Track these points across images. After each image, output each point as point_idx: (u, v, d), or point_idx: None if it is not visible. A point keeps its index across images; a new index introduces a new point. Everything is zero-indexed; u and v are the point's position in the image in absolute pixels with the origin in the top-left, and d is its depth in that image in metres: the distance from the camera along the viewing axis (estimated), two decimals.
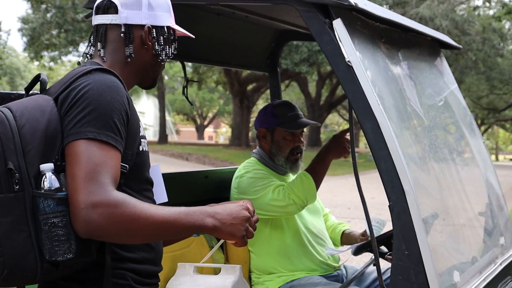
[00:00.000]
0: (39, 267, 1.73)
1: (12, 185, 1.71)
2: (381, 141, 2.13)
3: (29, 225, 1.72)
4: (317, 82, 38.68)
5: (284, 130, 3.52)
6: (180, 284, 3.01)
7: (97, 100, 1.80)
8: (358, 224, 9.53)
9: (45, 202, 1.71)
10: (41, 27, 30.47)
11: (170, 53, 2.12)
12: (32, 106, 1.82)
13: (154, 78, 2.16)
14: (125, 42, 2.05)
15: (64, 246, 1.71)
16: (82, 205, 1.69)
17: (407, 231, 2.11)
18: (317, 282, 3.31)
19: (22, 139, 1.74)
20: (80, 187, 1.70)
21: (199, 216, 1.82)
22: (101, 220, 1.69)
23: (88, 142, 1.75)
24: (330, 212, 3.94)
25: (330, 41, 2.19)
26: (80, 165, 1.73)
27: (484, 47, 28.93)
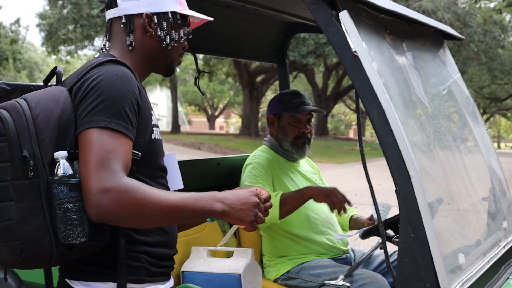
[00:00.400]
0: (54, 250, 1.79)
1: (27, 172, 1.78)
2: (387, 127, 2.17)
3: (44, 210, 1.78)
4: (323, 73, 38.66)
5: (289, 115, 3.62)
6: (194, 267, 3.10)
7: (109, 90, 1.85)
8: (365, 209, 9.56)
9: (59, 188, 1.77)
10: (58, 22, 30.76)
11: (178, 37, 2.12)
12: (46, 97, 1.88)
13: (168, 65, 2.17)
14: (126, 32, 2.09)
15: (77, 229, 1.77)
16: (94, 191, 1.74)
17: (413, 215, 2.14)
18: (327, 265, 3.39)
19: (36, 128, 1.80)
20: (92, 174, 1.76)
21: (208, 201, 1.85)
22: (111, 205, 1.74)
23: (100, 130, 1.81)
24: None
25: (337, 32, 2.23)
26: (92, 153, 1.78)
27: (485, 39, 28.90)
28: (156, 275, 2.04)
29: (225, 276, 3.06)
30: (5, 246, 1.80)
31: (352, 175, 18.56)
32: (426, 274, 2.13)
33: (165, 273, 2.10)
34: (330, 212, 3.42)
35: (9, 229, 1.78)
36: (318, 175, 3.92)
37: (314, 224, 3.55)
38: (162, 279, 2.07)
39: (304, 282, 3.39)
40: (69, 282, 1.99)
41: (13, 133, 1.78)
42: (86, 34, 30.20)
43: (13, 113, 1.81)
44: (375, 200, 2.40)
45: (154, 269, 2.02)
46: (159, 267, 2.05)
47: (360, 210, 8.85)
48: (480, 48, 29.06)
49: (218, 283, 3.06)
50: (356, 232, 3.22)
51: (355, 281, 3.18)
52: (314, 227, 3.54)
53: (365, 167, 2.40)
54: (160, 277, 2.06)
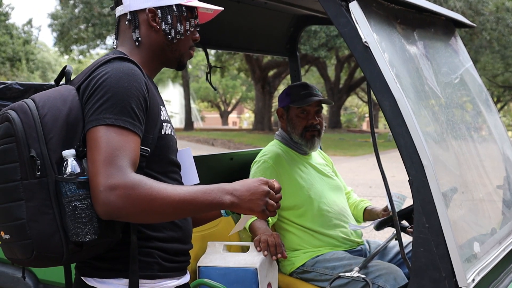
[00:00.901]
0: (64, 248, 1.80)
1: (35, 172, 1.79)
2: (399, 117, 2.17)
3: (53, 208, 1.80)
4: (335, 66, 38.62)
5: (296, 107, 3.61)
6: (210, 262, 3.11)
7: (115, 87, 1.86)
8: (380, 201, 9.55)
9: (67, 186, 1.78)
10: (70, 22, 31.01)
11: (184, 30, 2.10)
12: (54, 96, 1.89)
13: (177, 58, 2.15)
14: (132, 28, 2.08)
15: (86, 227, 1.78)
16: (101, 188, 1.75)
17: (427, 204, 2.15)
18: (342, 257, 3.39)
19: (44, 127, 1.82)
20: (99, 171, 1.77)
21: (217, 193, 1.85)
22: (119, 201, 1.75)
23: (107, 128, 1.82)
24: (352, 190, 4.02)
25: (347, 23, 2.24)
26: (99, 150, 1.79)
27: (498, 27, 28.74)
28: (170, 270, 2.04)
29: (241, 271, 3.07)
30: (17, 245, 1.83)
31: (366, 167, 18.54)
32: (441, 263, 2.14)
33: (180, 268, 2.09)
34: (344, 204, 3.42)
35: (20, 228, 1.81)
36: (331, 168, 3.92)
37: (328, 218, 3.54)
38: (176, 274, 2.07)
39: (319, 275, 3.39)
40: (84, 279, 2.00)
41: (21, 133, 1.81)
42: (98, 33, 30.37)
43: (20, 114, 1.83)
44: (388, 191, 2.40)
45: (167, 264, 2.03)
46: (173, 262, 2.05)
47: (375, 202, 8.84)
48: (493, 36, 28.90)
49: (234, 278, 3.07)
50: (371, 223, 3.22)
51: (370, 272, 3.17)
52: (327, 220, 3.54)
53: (378, 157, 2.40)
54: (175, 272, 2.06)
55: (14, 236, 1.82)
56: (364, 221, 3.82)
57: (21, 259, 1.86)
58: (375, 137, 2.47)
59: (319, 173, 3.71)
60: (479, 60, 32.61)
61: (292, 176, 3.54)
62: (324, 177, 3.71)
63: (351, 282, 3.21)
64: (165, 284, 2.02)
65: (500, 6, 29.60)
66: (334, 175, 3.84)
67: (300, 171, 3.62)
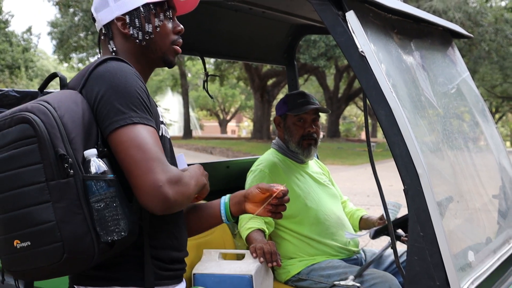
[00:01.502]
0: (96, 248, 1.77)
1: (64, 171, 1.74)
2: (395, 127, 2.18)
3: (83, 208, 1.76)
4: (335, 75, 38.76)
5: (293, 115, 3.63)
6: (205, 269, 3.11)
7: (126, 86, 1.85)
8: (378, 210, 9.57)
9: (98, 184, 1.76)
10: (69, 30, 31.15)
11: (152, 28, 2.08)
12: (65, 98, 1.87)
13: (161, 57, 2.12)
14: (107, 40, 2.10)
15: (118, 225, 1.77)
16: (161, 183, 1.77)
17: (422, 213, 2.15)
18: (337, 265, 3.40)
19: (65, 128, 1.79)
20: (151, 168, 1.78)
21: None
22: (176, 195, 1.80)
23: (134, 126, 1.82)
24: (348, 200, 4.03)
25: (344, 33, 2.24)
26: (139, 149, 1.80)
27: (496, 38, 28.92)
28: (165, 278, 2.02)
29: (236, 278, 3.07)
30: (42, 250, 1.76)
31: (364, 176, 18.57)
32: (435, 272, 2.14)
33: (176, 276, 2.08)
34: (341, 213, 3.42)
35: (48, 232, 1.75)
36: (328, 176, 3.93)
37: (325, 226, 3.55)
38: (172, 282, 2.06)
39: (314, 283, 3.40)
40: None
41: (44, 133, 1.76)
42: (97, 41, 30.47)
43: (40, 115, 1.78)
44: (383, 199, 2.41)
45: (163, 272, 2.01)
46: (169, 271, 2.04)
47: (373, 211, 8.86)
48: (492, 47, 29.05)
49: (229, 285, 3.06)
50: (367, 232, 3.23)
51: (365, 281, 3.18)
52: (324, 228, 3.55)
53: (373, 165, 2.41)
54: (170, 280, 2.05)
55: (38, 242, 1.76)
56: (360, 229, 3.83)
57: (41, 267, 1.79)
58: (370, 145, 2.48)
59: (316, 182, 3.72)
60: (477, 70, 32.75)
61: (288, 184, 3.55)
62: (321, 186, 3.72)
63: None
64: None
65: (499, 17, 29.80)
66: (330, 184, 3.86)
67: (297, 180, 3.63)
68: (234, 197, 2.21)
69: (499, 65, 34.26)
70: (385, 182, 13.15)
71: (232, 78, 42.10)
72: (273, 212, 2.16)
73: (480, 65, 32.08)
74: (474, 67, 30.87)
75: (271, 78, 35.68)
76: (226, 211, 2.19)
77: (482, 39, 27.93)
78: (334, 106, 36.90)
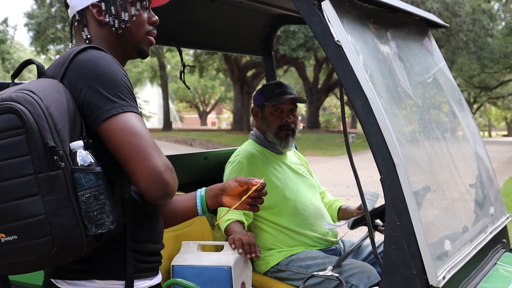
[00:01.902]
0: (85, 241, 1.75)
1: (54, 163, 1.71)
2: (371, 116, 2.18)
3: (72, 201, 1.73)
4: (314, 66, 38.83)
5: (271, 105, 3.63)
6: (184, 261, 3.10)
7: (111, 75, 1.83)
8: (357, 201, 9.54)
9: (87, 177, 1.74)
10: (46, 21, 30.82)
11: (129, 16, 2.05)
12: (49, 88, 1.82)
13: (135, 47, 2.10)
14: (81, 27, 2.05)
15: (106, 218, 1.75)
16: (162, 169, 1.79)
17: (399, 203, 2.16)
18: (316, 256, 3.40)
19: (53, 119, 1.74)
20: (151, 154, 1.79)
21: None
22: (173, 182, 1.82)
23: (128, 114, 1.81)
24: (326, 190, 4.03)
25: (319, 22, 2.24)
26: (138, 135, 1.80)
27: (474, 28, 29.13)
28: (143, 270, 2.01)
29: (215, 269, 3.07)
30: (31, 244, 1.72)
31: (344, 167, 18.64)
32: (412, 261, 2.15)
33: (153, 268, 2.07)
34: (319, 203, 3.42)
35: (38, 225, 1.71)
36: (306, 167, 3.93)
37: (303, 217, 3.55)
38: (149, 275, 2.04)
39: (293, 274, 3.40)
40: (54, 282, 1.95)
41: (33, 124, 1.70)
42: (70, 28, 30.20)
43: (27, 105, 1.73)
44: (360, 189, 2.41)
45: (141, 265, 1.99)
46: (146, 263, 2.02)
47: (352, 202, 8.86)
48: (469, 37, 29.26)
49: (208, 276, 3.06)
50: (345, 222, 3.23)
51: (344, 271, 3.18)
52: (303, 219, 3.55)
53: (349, 153, 2.40)
54: (147, 272, 2.03)
55: (26, 236, 1.71)
56: (338, 220, 3.84)
57: (28, 261, 1.76)
58: (346, 134, 2.48)
59: (294, 173, 3.72)
60: (455, 61, 32.95)
61: (267, 175, 3.54)
62: (299, 177, 3.72)
63: (325, 281, 3.22)
64: (139, 285, 1.99)
65: (477, 7, 30.01)
66: (309, 174, 3.86)
67: (275, 171, 3.62)
68: (210, 190, 2.17)
69: (477, 55, 34.52)
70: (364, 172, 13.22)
71: (212, 69, 42.05)
72: (251, 205, 2.15)
73: (458, 56, 32.27)
74: (452, 57, 31.07)
75: (250, 70, 35.68)
76: (202, 204, 2.16)
77: (460, 30, 28.11)
78: (313, 97, 36.99)
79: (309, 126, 38.69)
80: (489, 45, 33.68)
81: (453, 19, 27.15)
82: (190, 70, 33.45)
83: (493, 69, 40.61)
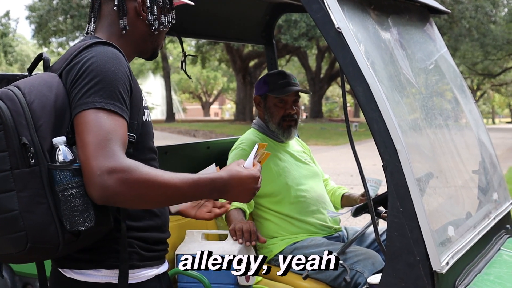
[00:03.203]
0: (60, 238, 1.75)
1: (28, 160, 1.73)
2: (372, 102, 2.18)
3: (48, 197, 1.74)
4: (316, 56, 38.77)
5: (274, 96, 3.62)
6: (188, 250, 3.11)
7: (102, 71, 1.82)
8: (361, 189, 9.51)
9: (61, 174, 1.73)
10: (48, 14, 30.81)
11: (167, 22, 2.11)
12: (39, 83, 1.84)
13: (154, 48, 2.16)
14: (119, 15, 2.05)
15: (83, 215, 1.74)
16: (98, 172, 1.70)
17: (401, 189, 2.16)
18: (320, 243, 3.41)
19: (33, 115, 1.76)
20: (94, 154, 1.72)
21: (207, 189, 1.86)
22: (117, 185, 1.71)
23: (97, 111, 1.77)
24: (329, 178, 4.03)
25: (320, 9, 2.23)
26: (91, 133, 1.74)
27: (477, 15, 29.01)
28: (149, 259, 2.03)
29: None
30: (8, 238, 1.75)
31: (348, 156, 18.62)
32: (415, 247, 2.15)
33: (159, 257, 2.08)
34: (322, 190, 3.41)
35: (12, 220, 1.73)
36: (309, 155, 3.92)
37: (305, 204, 3.56)
38: (155, 263, 2.06)
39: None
40: (61, 271, 1.97)
41: (9, 121, 1.74)
42: (77, 24, 30.15)
43: (7, 101, 1.76)
44: (363, 176, 2.40)
45: (146, 253, 2.01)
46: (152, 251, 2.04)
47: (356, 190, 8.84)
48: (472, 24, 29.14)
49: None
50: (348, 209, 3.23)
51: (348, 258, 3.19)
52: (305, 206, 3.55)
53: (351, 141, 2.40)
54: (154, 261, 2.05)
55: (2, 230, 1.74)
56: (342, 207, 3.84)
57: (11, 254, 1.78)
58: (348, 121, 2.47)
59: (297, 160, 3.72)
60: (458, 48, 32.85)
61: (269, 163, 3.54)
62: (302, 164, 3.72)
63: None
64: (145, 273, 2.01)
65: None
66: (311, 162, 3.85)
67: (277, 159, 3.62)
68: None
69: (480, 42, 34.40)
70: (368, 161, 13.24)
71: (214, 60, 41.99)
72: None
73: (461, 43, 32.18)
74: (455, 44, 30.98)
75: (252, 60, 35.62)
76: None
77: (463, 17, 28.00)
78: (316, 87, 36.93)
79: (312, 116, 38.67)
80: (492, 32, 33.54)
81: (456, 6, 27.05)
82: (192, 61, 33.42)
83: (496, 56, 40.49)
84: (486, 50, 37.14)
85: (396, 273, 2.18)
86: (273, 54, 4.31)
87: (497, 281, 2.48)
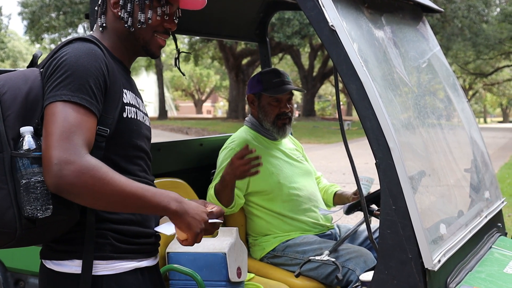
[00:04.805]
0: (17, 223, 1.81)
1: None
2: (366, 100, 2.18)
3: (8, 183, 1.81)
4: (309, 54, 38.76)
5: (269, 95, 3.61)
6: (179, 247, 3.10)
7: (74, 66, 1.88)
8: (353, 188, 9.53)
9: (21, 161, 1.80)
10: (40, 10, 30.77)
11: (145, 19, 2.09)
12: (16, 76, 1.95)
13: (143, 47, 2.15)
14: (99, 13, 2.13)
15: (39, 202, 1.79)
16: (56, 161, 1.76)
17: (394, 187, 2.16)
18: (312, 241, 3.41)
19: (3, 105, 1.86)
20: (55, 144, 1.77)
21: (166, 198, 1.90)
22: (72, 177, 1.76)
23: (64, 104, 1.83)
24: (322, 176, 4.03)
25: (314, 7, 2.24)
26: (55, 124, 1.80)
27: (469, 14, 29.11)
28: (126, 252, 2.04)
29: (210, 256, 3.07)
30: None
31: (340, 154, 18.65)
32: (407, 245, 2.16)
33: (140, 251, 2.09)
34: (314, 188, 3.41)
35: None
36: (301, 152, 3.92)
37: (297, 202, 3.56)
38: (135, 256, 2.07)
39: (290, 259, 3.41)
40: (44, 262, 2.05)
41: None
42: (70, 21, 30.14)
43: None
44: (356, 174, 2.41)
45: (122, 245, 2.03)
46: (130, 244, 2.05)
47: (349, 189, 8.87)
48: (464, 23, 29.23)
49: (203, 263, 3.07)
50: (340, 207, 3.24)
51: (340, 256, 3.20)
52: (297, 204, 3.56)
53: (344, 139, 2.41)
54: (132, 254, 2.06)
55: None
56: (334, 205, 3.84)
57: None
58: (341, 119, 2.48)
59: (289, 158, 3.72)
60: (451, 47, 32.93)
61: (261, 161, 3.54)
62: (294, 162, 3.72)
63: (321, 265, 3.23)
64: (120, 265, 2.03)
65: None
66: (304, 160, 3.86)
67: (270, 157, 3.62)
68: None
69: (472, 41, 34.46)
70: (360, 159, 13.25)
71: (207, 57, 41.95)
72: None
73: (453, 42, 32.25)
74: (447, 44, 31.05)
75: (245, 57, 35.60)
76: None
77: (455, 16, 28.08)
78: (309, 85, 36.93)
79: (305, 114, 38.67)
80: (484, 31, 33.62)
81: (448, 6, 27.14)
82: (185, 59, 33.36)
83: (488, 55, 40.58)
84: (478, 50, 37.22)
85: (388, 270, 2.19)
86: (267, 51, 4.31)
87: (488, 279, 2.49)
